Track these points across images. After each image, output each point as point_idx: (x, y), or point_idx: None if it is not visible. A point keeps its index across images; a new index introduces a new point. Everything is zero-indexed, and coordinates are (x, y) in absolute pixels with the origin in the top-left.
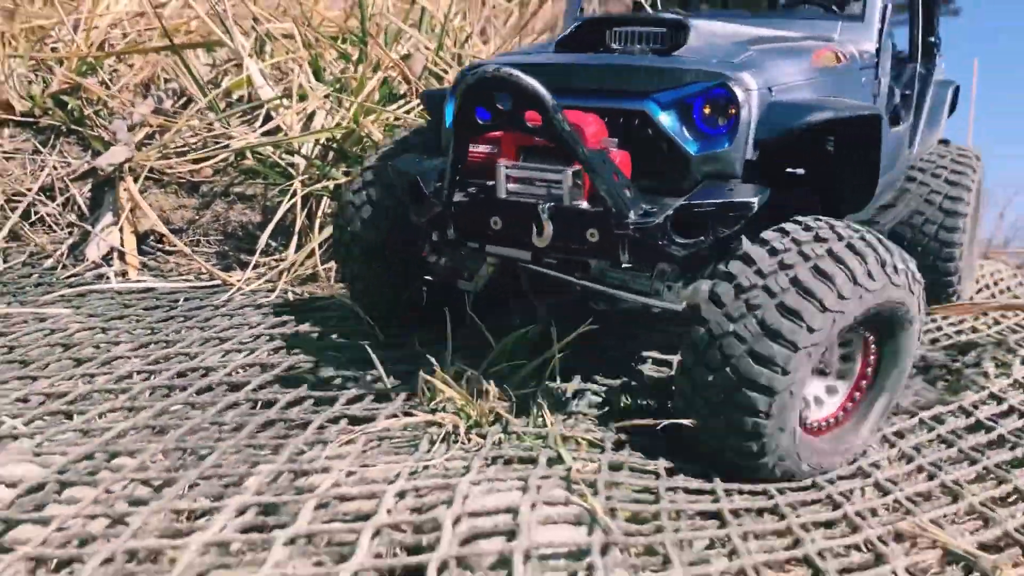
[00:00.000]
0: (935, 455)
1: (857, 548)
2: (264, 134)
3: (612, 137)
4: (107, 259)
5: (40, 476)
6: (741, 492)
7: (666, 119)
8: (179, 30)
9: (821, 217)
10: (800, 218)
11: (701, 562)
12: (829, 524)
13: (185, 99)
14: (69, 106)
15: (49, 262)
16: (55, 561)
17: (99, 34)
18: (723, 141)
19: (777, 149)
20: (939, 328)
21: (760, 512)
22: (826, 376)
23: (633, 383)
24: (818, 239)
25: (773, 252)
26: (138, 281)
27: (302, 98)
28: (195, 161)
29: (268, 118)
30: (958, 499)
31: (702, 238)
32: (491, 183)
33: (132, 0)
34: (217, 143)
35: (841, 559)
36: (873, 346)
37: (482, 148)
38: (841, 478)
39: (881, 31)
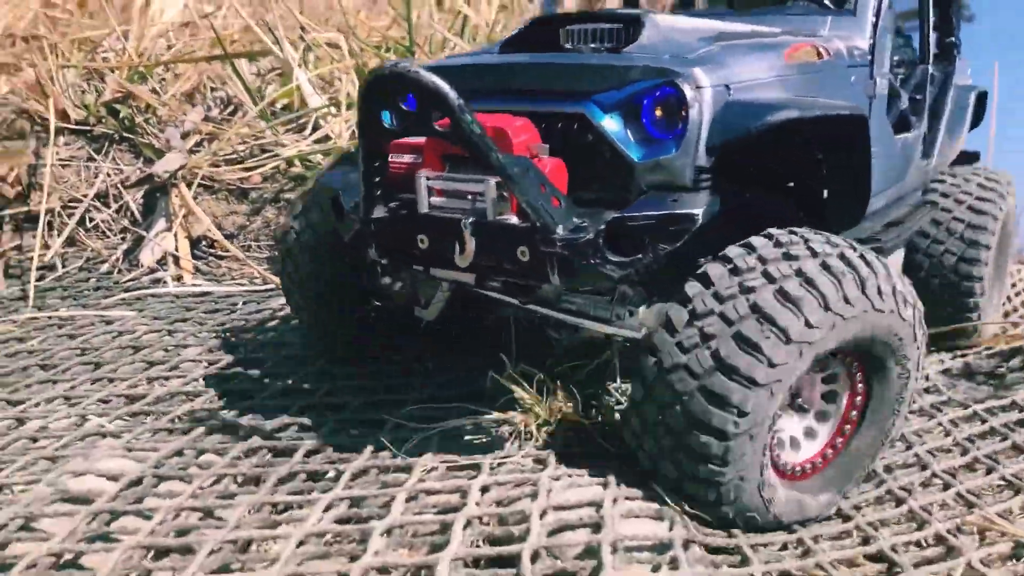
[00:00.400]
0: (990, 447)
1: (923, 543)
2: (313, 142)
3: (549, 144)
4: (161, 264)
5: (137, 471)
6: None
7: (607, 122)
8: (224, 40)
9: (775, 233)
10: (747, 242)
11: (777, 560)
12: (895, 521)
13: (232, 108)
14: (121, 114)
15: (105, 267)
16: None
17: (147, 44)
18: (670, 146)
19: (747, 156)
20: None
21: (826, 518)
22: (805, 414)
23: None
24: (766, 272)
25: (735, 271)
26: (194, 285)
27: (350, 106)
28: (246, 168)
29: (316, 126)
30: (1020, 493)
31: (640, 256)
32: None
33: (178, 11)
34: (264, 151)
35: (914, 553)
36: (860, 383)
37: (406, 158)
38: (899, 467)
39: (876, 26)
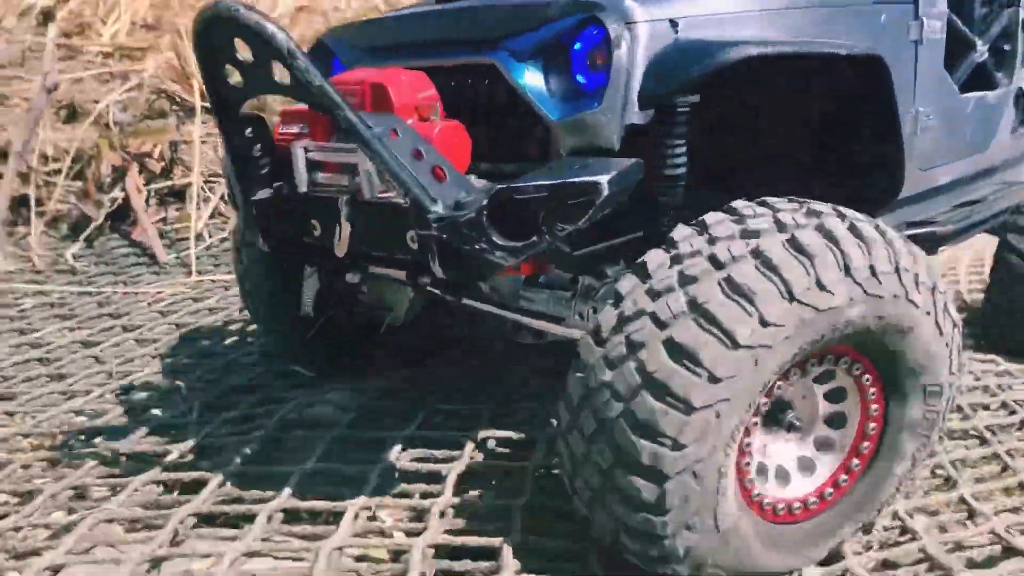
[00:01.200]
0: None
1: None
2: None
3: (463, 105)
4: None
5: (337, 419)
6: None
7: (520, 73)
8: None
9: (738, 205)
10: (700, 219)
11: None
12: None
13: None
14: None
15: None
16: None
17: None
18: (592, 100)
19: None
20: None
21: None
22: (801, 435)
23: None
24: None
25: (677, 258)
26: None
27: None
28: None
29: None
30: None
31: (535, 239)
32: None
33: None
34: None
35: None
36: (872, 390)
37: (294, 128)
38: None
39: None
